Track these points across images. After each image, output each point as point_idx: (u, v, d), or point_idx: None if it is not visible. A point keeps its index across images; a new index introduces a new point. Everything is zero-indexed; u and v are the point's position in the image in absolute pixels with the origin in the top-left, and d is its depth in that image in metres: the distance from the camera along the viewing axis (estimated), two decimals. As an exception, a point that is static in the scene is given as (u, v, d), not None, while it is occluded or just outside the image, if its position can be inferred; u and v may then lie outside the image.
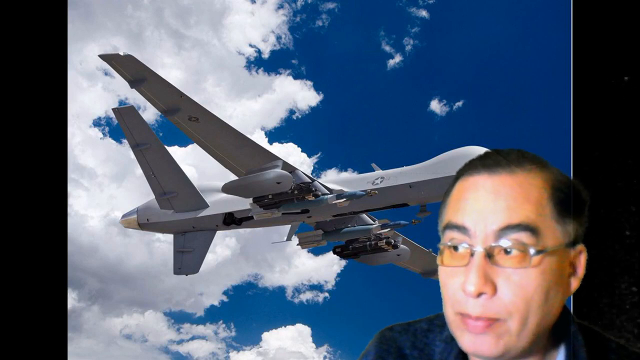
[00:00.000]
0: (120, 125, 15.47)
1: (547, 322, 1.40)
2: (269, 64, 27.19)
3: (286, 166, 14.06)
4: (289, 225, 15.83)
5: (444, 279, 1.45)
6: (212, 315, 25.06)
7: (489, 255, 1.36)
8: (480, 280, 1.34)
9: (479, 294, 1.35)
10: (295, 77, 26.43)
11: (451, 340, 1.55)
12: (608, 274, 1.86)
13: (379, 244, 15.52)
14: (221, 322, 24.53)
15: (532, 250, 1.35)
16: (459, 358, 1.54)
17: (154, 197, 16.33)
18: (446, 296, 1.44)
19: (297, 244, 15.99)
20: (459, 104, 25.03)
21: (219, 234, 16.57)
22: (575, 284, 1.45)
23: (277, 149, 21.97)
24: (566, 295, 1.44)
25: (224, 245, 24.52)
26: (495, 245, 1.36)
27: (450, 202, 1.47)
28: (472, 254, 1.38)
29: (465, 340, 1.41)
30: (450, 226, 1.43)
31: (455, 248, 1.41)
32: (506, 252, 1.36)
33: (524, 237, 1.36)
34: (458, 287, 1.39)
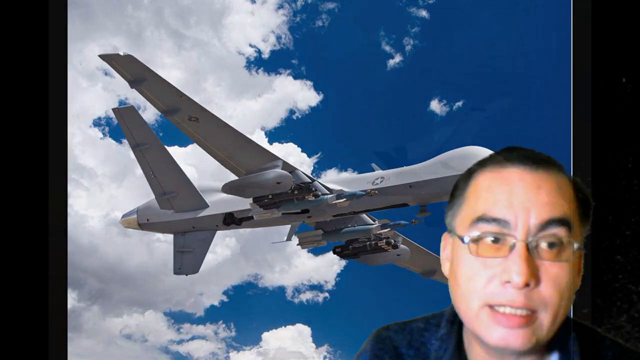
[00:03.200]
0: (120, 125, 15.44)
1: (565, 317, 1.43)
2: (269, 64, 27.12)
3: (286, 166, 14.06)
4: (289, 225, 15.82)
5: (473, 270, 1.43)
6: (212, 315, 25.00)
7: (529, 247, 1.39)
8: (528, 270, 1.37)
9: (526, 285, 1.37)
10: (295, 77, 26.35)
11: (447, 339, 1.56)
12: (607, 273, 1.86)
13: (379, 244, 15.49)
14: (221, 322, 24.47)
15: (575, 245, 1.41)
16: (454, 356, 1.54)
17: (154, 197, 16.30)
18: (471, 288, 1.43)
19: (297, 244, 15.98)
20: (459, 104, 25.01)
21: (219, 234, 16.56)
22: (578, 282, 1.48)
23: (277, 149, 21.87)
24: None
25: (224, 245, 24.46)
26: (537, 238, 1.39)
27: (480, 193, 1.47)
28: (512, 246, 1.40)
29: (496, 334, 1.40)
30: (486, 219, 1.43)
31: (494, 240, 1.42)
32: (547, 245, 1.39)
33: (562, 231, 1.40)
34: (491, 278, 1.40)
